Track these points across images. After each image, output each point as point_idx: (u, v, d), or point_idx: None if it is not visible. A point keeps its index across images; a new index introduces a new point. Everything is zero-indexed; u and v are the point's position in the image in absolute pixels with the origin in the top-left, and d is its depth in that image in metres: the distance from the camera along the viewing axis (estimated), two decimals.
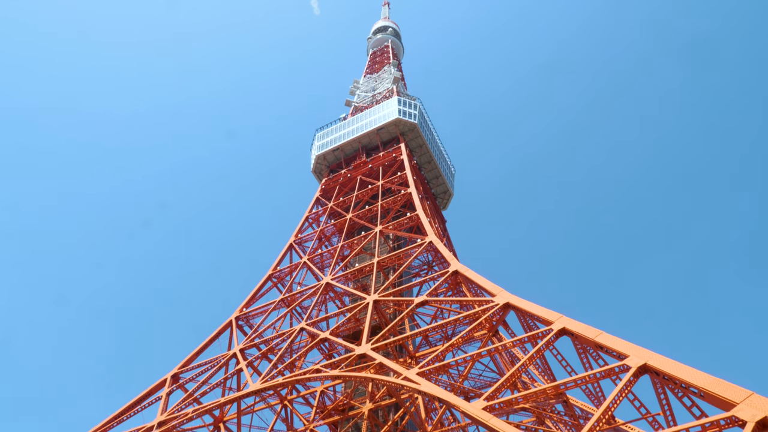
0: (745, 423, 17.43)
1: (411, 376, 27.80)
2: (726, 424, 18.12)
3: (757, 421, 17.29)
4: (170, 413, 39.08)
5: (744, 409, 17.91)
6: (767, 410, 17.41)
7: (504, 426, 21.89)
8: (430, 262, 56.89)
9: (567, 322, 26.39)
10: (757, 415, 17.43)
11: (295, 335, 41.79)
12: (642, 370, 21.66)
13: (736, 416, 17.84)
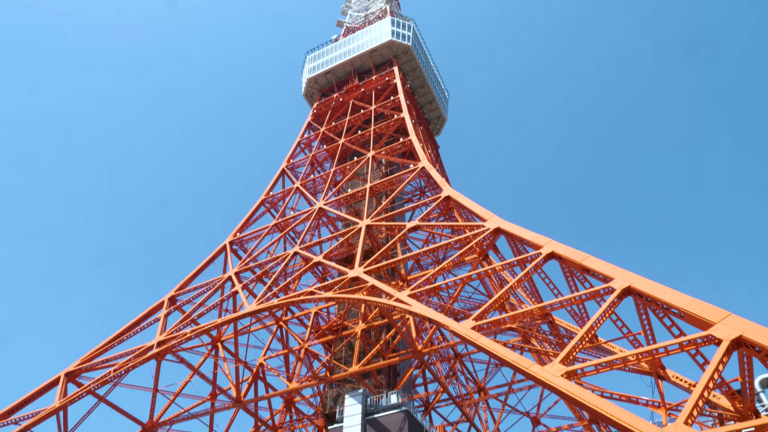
0: (721, 341, 18.22)
1: (402, 297, 28.58)
2: (702, 342, 18.93)
3: (732, 339, 18.05)
4: (169, 333, 40.31)
5: (720, 328, 18.66)
6: (742, 330, 18.15)
7: (491, 344, 22.79)
8: (423, 187, 57.13)
9: (555, 246, 26.90)
10: (732, 334, 18.18)
11: (289, 259, 42.49)
12: (626, 292, 22.33)
13: (713, 335, 18.61)
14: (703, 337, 18.85)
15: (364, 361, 38.37)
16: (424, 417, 45.63)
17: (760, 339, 17.50)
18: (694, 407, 16.79)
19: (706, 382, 17.15)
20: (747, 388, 19.99)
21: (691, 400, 16.95)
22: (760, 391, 25.47)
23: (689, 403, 16.87)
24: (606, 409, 17.69)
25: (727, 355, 17.97)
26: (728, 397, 22.20)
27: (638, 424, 16.89)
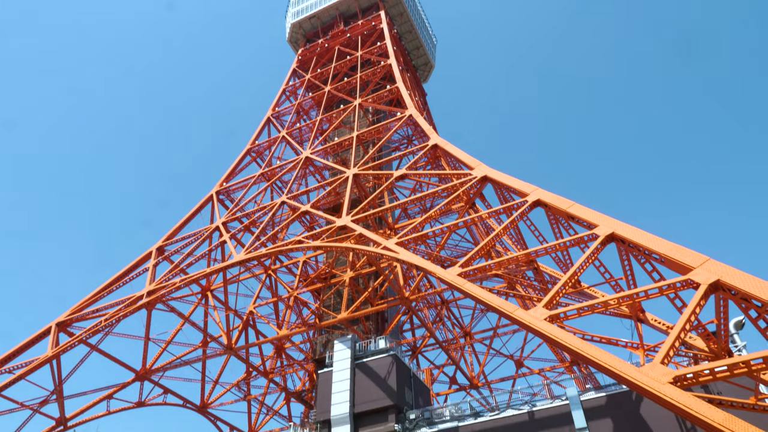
0: (699, 285, 18.73)
1: (390, 245, 28.85)
2: (682, 286, 19.46)
3: (710, 283, 18.56)
4: (158, 283, 40.56)
5: (699, 273, 19.14)
6: (720, 274, 18.64)
7: (477, 290, 23.26)
8: (410, 135, 56.73)
9: (542, 194, 27.10)
10: (710, 278, 18.68)
11: (276, 208, 42.45)
12: (609, 239, 22.72)
13: (692, 279, 19.11)
14: (682, 282, 19.35)
15: (352, 308, 39.09)
16: (412, 360, 47.01)
17: (737, 283, 18.00)
18: (671, 348, 17.44)
19: (682, 324, 17.73)
20: (722, 329, 20.72)
21: (668, 341, 17.58)
22: (734, 332, 26.45)
23: (666, 344, 17.50)
24: (586, 351, 18.31)
25: (705, 298, 18.51)
26: (703, 339, 23.05)
27: (617, 364, 17.54)
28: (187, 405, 46.21)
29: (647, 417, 25.89)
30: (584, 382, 40.92)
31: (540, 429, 27.80)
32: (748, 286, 17.64)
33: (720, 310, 19.54)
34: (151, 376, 42.67)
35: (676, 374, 16.40)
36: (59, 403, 39.95)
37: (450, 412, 31.06)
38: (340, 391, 33.13)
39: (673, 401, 15.76)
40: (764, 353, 15.86)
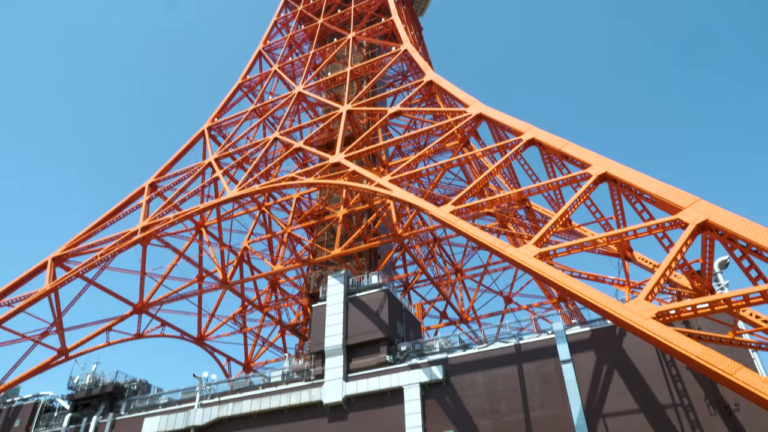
0: (687, 225, 19.05)
1: (383, 183, 28.90)
2: (670, 225, 19.78)
3: (698, 223, 18.87)
4: (152, 219, 40.70)
5: (689, 213, 19.42)
6: (708, 214, 18.92)
7: (468, 227, 23.56)
8: (405, 71, 55.54)
9: (536, 132, 26.97)
10: (698, 218, 18.98)
11: (269, 145, 42.10)
12: (602, 178, 22.85)
13: (681, 219, 19.40)
14: (671, 221, 19.65)
15: (345, 245, 39.58)
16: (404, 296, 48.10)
17: (724, 223, 18.32)
18: (656, 285, 17.94)
19: (668, 263, 18.17)
20: (706, 268, 21.26)
21: (653, 278, 18.06)
22: (718, 271, 27.17)
23: (651, 281, 18.00)
24: (574, 287, 18.81)
25: (692, 237, 18.87)
26: (688, 277, 23.72)
27: (602, 300, 18.08)
28: (184, 337, 47.51)
29: (629, 351, 26.97)
30: (570, 318, 42.32)
31: (526, 361, 28.93)
32: (735, 227, 17.97)
33: (706, 250, 19.96)
34: (149, 309, 43.60)
35: (659, 310, 16.95)
36: (59, 335, 40.98)
37: (440, 345, 32.17)
38: (333, 324, 34.09)
39: (655, 335, 16.38)
40: (744, 291, 16.37)
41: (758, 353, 24.55)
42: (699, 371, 16.28)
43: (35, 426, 42.56)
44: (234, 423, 34.09)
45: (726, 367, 15.00)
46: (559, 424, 26.46)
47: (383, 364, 31.87)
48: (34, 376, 41.49)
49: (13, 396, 46.72)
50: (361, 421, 30.69)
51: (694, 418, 24.40)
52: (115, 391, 40.78)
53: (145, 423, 36.77)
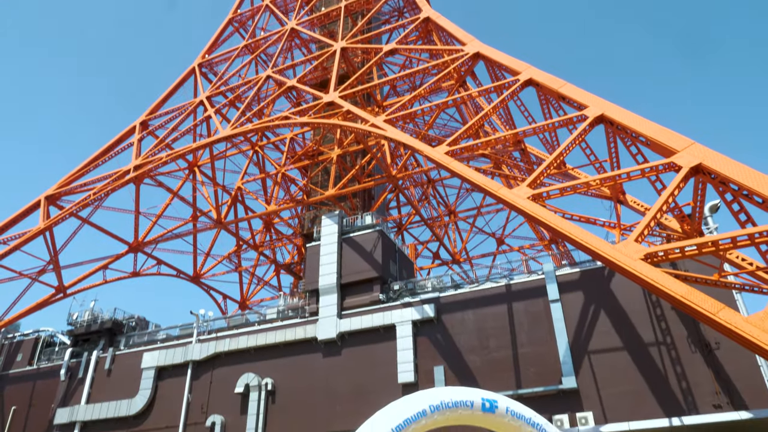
0: (680, 168, 19.10)
1: (378, 123, 28.58)
2: (664, 168, 19.83)
3: (691, 166, 18.92)
4: (144, 158, 40.34)
5: (683, 156, 19.42)
6: (702, 158, 18.93)
7: (463, 168, 23.53)
8: (401, 7, 53.83)
9: (534, 72, 26.50)
10: (692, 162, 19.01)
11: (262, 83, 41.25)
12: (598, 120, 22.67)
13: (674, 162, 19.43)
14: (664, 164, 19.68)
15: (339, 185, 39.55)
16: (397, 236, 48.61)
17: (718, 166, 18.36)
18: (646, 227, 18.18)
19: (660, 205, 18.34)
20: (697, 212, 21.47)
21: (643, 221, 18.28)
22: (708, 215, 27.47)
23: (641, 224, 18.22)
24: (565, 228, 19.03)
25: (685, 181, 18.96)
26: (678, 220, 23.98)
27: (592, 241, 18.35)
28: (180, 275, 48.16)
29: (616, 291, 27.63)
30: (560, 259, 43.03)
31: (515, 300, 29.63)
32: (728, 170, 18.03)
33: (698, 194, 20.10)
34: (144, 248, 43.94)
35: (647, 252, 17.25)
36: (56, 272, 41.43)
37: (432, 284, 32.82)
38: (327, 263, 34.58)
39: (643, 276, 16.74)
40: (732, 234, 16.63)
41: (741, 295, 25.23)
42: (683, 311, 16.76)
43: (37, 360, 43.76)
44: (231, 358, 35.11)
45: (709, 306, 15.43)
46: (546, 360, 27.43)
47: (376, 303, 32.59)
48: (34, 312, 42.24)
49: (14, 332, 47.75)
50: (355, 357, 31.68)
51: (675, 355, 25.33)
52: (114, 327, 41.69)
53: (144, 357, 37.82)
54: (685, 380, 24.72)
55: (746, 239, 16.46)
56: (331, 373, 31.87)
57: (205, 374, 35.51)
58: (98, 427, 37.16)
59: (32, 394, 41.66)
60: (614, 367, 26.06)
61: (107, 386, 38.68)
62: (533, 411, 14.09)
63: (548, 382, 26.91)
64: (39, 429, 39.73)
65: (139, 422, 35.94)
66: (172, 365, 36.68)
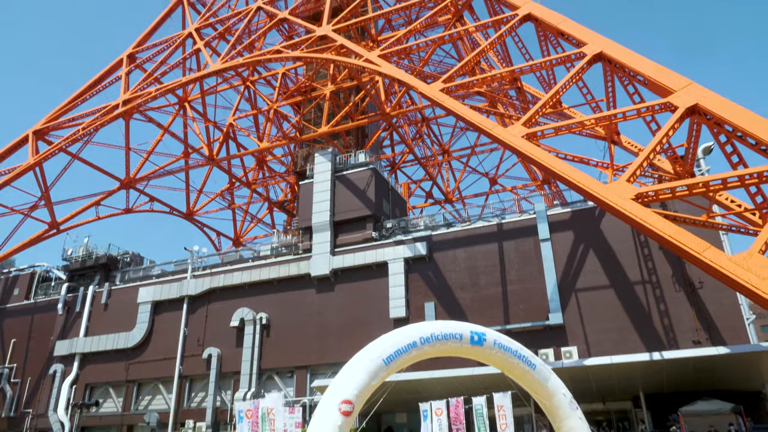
0: (677, 108, 18.93)
1: (372, 58, 27.91)
2: (660, 108, 19.63)
3: (687, 107, 18.74)
4: (133, 93, 39.44)
5: (680, 96, 19.19)
6: (699, 98, 18.72)
7: (457, 106, 23.23)
8: None
9: (533, 7, 25.72)
10: (689, 102, 18.81)
11: (252, 15, 39.83)
12: (596, 58, 22.22)
13: (671, 102, 19.21)
14: (661, 104, 19.48)
15: (333, 123, 39.04)
16: (390, 175, 48.58)
17: (714, 107, 18.20)
18: (638, 168, 18.20)
19: (654, 145, 18.29)
20: (690, 153, 21.46)
21: (636, 161, 18.28)
22: (701, 157, 27.52)
23: (634, 164, 18.24)
24: (558, 167, 19.04)
25: (680, 121, 18.82)
26: (671, 161, 23.98)
27: (584, 180, 18.41)
28: (173, 212, 48.19)
29: (606, 231, 28.03)
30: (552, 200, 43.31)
31: (506, 239, 30.04)
32: (724, 111, 17.90)
33: (692, 134, 20.03)
34: (136, 184, 43.69)
35: (638, 192, 17.35)
36: (48, 208, 41.30)
37: (424, 223, 33.11)
38: (320, 201, 34.66)
39: (632, 215, 16.92)
40: (723, 175, 16.70)
41: (728, 236, 25.68)
42: (671, 250, 17.08)
43: (34, 294, 44.39)
44: (225, 293, 35.75)
45: (696, 246, 15.71)
46: (534, 298, 28.15)
47: (369, 240, 32.94)
48: (28, 248, 42.40)
49: (9, 267, 48.14)
50: (348, 293, 32.34)
51: (660, 294, 26.03)
52: (109, 262, 42.11)
53: (140, 292, 38.43)
54: (667, 318, 25.53)
55: (736, 180, 16.54)
56: (324, 309, 32.61)
57: (201, 309, 36.25)
58: (97, 358, 38.21)
59: (31, 327, 42.52)
60: (600, 305, 26.82)
61: (104, 320, 39.48)
62: (520, 344, 14.56)
63: (535, 318, 27.72)
64: (40, 360, 40.82)
65: (138, 354, 36.97)
66: (168, 300, 37.35)
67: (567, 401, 14.50)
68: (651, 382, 23.09)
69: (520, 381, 14.75)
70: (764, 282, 14.40)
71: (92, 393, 38.01)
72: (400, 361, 12.47)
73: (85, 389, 37.89)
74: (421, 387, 24.26)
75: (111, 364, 37.49)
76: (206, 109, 45.42)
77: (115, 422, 36.05)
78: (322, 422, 11.23)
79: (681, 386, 23.22)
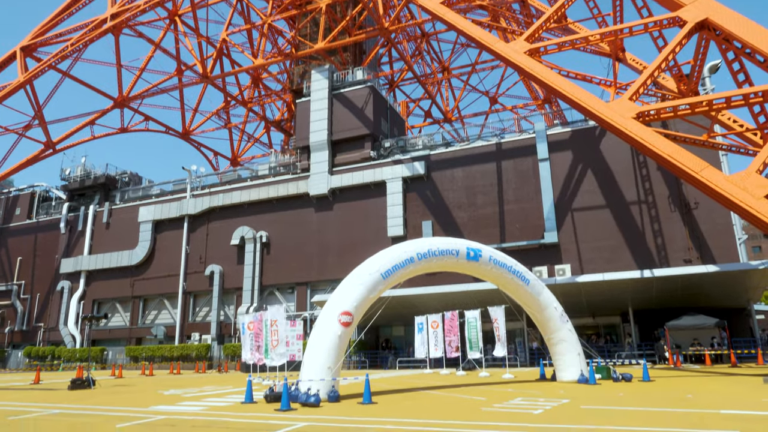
0: (685, 23, 18.31)
1: None
2: (668, 23, 18.98)
3: (697, 21, 18.11)
4: (120, 6, 37.84)
5: (690, 10, 18.51)
6: (710, 12, 18.06)
7: (458, 19, 22.43)
8: None
9: None
10: (699, 16, 18.17)
11: None
12: None
13: (680, 17, 18.56)
14: (669, 18, 18.83)
15: (329, 38, 37.75)
16: (389, 93, 47.65)
17: (724, 22, 17.61)
18: (642, 85, 17.87)
19: (659, 62, 17.87)
20: (696, 71, 20.99)
21: (640, 78, 17.93)
22: (707, 76, 26.92)
23: (638, 81, 17.90)
24: (560, 85, 18.69)
25: (688, 37, 18.26)
26: (676, 80, 23.50)
27: (586, 98, 18.13)
28: (169, 131, 47.65)
29: (605, 151, 27.94)
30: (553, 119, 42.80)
31: (505, 159, 29.98)
32: (735, 26, 17.33)
33: (699, 51, 19.50)
34: (130, 103, 42.88)
35: (640, 110, 17.15)
36: (43, 128, 40.79)
37: (423, 142, 32.89)
38: (318, 119, 34.23)
39: (632, 134, 16.82)
40: (727, 93, 16.45)
41: (727, 157, 25.64)
42: (669, 169, 17.12)
43: (36, 214, 44.80)
44: (225, 212, 36.10)
45: (693, 165, 15.74)
46: (530, 217, 28.50)
47: (367, 159, 32.86)
48: (26, 168, 42.34)
49: (8, 187, 48.25)
50: (346, 211, 32.67)
51: (655, 214, 26.36)
52: (108, 182, 42.17)
53: (140, 211, 38.79)
54: (661, 237, 26.01)
55: (741, 99, 16.31)
56: (323, 227, 33.08)
57: (201, 227, 36.75)
58: (103, 275, 39.18)
59: (35, 246, 43.27)
60: (595, 224, 27.23)
61: (107, 238, 40.11)
62: (514, 260, 14.93)
63: (531, 237, 28.22)
64: (46, 277, 41.86)
65: (142, 271, 37.87)
66: (169, 219, 37.78)
67: (558, 314, 15.07)
68: (640, 299, 23.89)
69: (513, 295, 15.25)
70: (759, 202, 14.55)
71: (100, 308, 39.32)
72: (397, 275, 12.84)
73: (92, 304, 39.15)
74: (418, 302, 25.10)
75: (116, 281, 38.51)
76: (198, 24, 43.65)
77: (123, 335, 37.53)
78: (323, 332, 11.73)
79: (669, 303, 24.05)
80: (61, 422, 9.44)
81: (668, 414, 8.43)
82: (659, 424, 7.41)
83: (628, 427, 7.33)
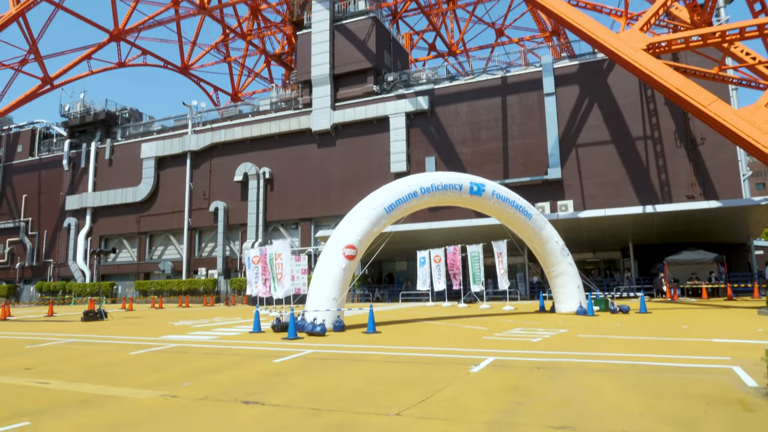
0: None
1: None
2: None
3: None
4: None
5: None
6: None
7: None
8: None
9: None
10: None
11: None
12: None
13: None
14: None
15: None
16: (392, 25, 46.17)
17: None
18: (654, 15, 17.31)
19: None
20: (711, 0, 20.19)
21: (652, 7, 17.34)
22: (722, 5, 25.93)
23: (649, 11, 17.31)
24: (567, 14, 18.11)
25: None
26: (689, 10, 22.61)
27: (595, 28, 17.60)
28: (168, 66, 46.68)
29: (612, 85, 27.36)
30: (560, 52, 41.67)
31: (510, 93, 29.44)
32: None
33: None
34: (127, 36, 41.78)
35: (650, 41, 16.68)
36: (39, 62, 39.96)
37: (427, 76, 32.22)
38: (319, 53, 33.41)
39: (641, 67, 16.44)
40: (741, 23, 15.93)
41: (737, 91, 25.11)
42: (677, 103, 16.84)
43: (38, 151, 44.65)
44: (227, 148, 35.91)
45: (702, 98, 15.47)
46: (534, 152, 28.31)
47: (370, 94, 32.32)
48: (24, 104, 41.81)
49: (8, 124, 47.82)
50: (349, 147, 32.47)
51: (660, 149, 26.13)
52: (108, 118, 41.73)
53: (142, 148, 38.61)
54: (665, 173, 25.90)
55: (755, 30, 15.82)
56: (325, 163, 32.98)
57: (204, 164, 36.67)
58: (108, 212, 39.51)
59: (39, 183, 43.40)
60: (599, 160, 27.06)
61: (110, 175, 40.14)
62: (517, 195, 14.98)
63: (535, 172, 28.13)
64: (53, 214, 42.25)
65: (147, 207, 38.14)
66: (171, 155, 37.64)
67: (559, 248, 15.28)
68: (641, 234, 24.09)
69: (515, 230, 15.41)
70: (766, 136, 14.39)
71: (107, 244, 39.89)
72: (401, 209, 12.94)
73: (99, 240, 39.71)
74: (421, 237, 25.39)
75: (122, 217, 38.88)
76: None
77: (131, 270, 38.28)
78: (328, 264, 11.96)
79: (669, 238, 24.27)
80: (77, 350, 9.83)
81: (663, 343, 8.72)
82: (654, 352, 7.69)
83: (623, 353, 7.61)
